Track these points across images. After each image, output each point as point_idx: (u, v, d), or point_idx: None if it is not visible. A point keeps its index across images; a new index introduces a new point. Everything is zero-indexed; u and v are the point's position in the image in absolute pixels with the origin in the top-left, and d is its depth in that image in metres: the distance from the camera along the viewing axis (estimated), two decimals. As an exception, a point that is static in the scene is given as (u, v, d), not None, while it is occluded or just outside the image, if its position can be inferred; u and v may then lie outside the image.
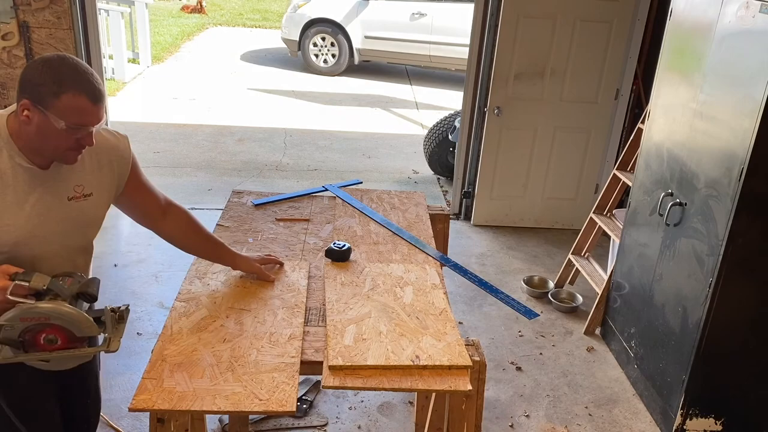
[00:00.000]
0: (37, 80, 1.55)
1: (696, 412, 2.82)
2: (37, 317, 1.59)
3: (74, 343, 1.65)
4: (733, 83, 2.56)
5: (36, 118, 1.57)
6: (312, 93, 8.52)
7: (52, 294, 1.62)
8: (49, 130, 1.58)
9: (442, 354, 1.85)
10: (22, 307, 1.58)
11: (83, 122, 1.59)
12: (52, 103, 1.55)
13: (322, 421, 2.89)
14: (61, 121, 1.56)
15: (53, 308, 1.59)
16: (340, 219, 2.73)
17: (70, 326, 1.62)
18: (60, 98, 1.55)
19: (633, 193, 3.41)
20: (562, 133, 4.71)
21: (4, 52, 4.34)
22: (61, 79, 1.54)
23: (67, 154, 1.65)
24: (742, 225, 2.50)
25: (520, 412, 3.06)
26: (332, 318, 1.99)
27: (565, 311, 3.92)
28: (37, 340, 1.62)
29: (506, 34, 4.39)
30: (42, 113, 1.56)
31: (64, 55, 1.60)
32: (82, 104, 1.57)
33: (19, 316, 1.58)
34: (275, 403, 1.63)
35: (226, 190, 3.00)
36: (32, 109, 1.56)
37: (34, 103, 1.55)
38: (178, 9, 13.63)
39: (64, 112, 1.56)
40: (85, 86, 1.57)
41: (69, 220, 1.75)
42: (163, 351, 1.78)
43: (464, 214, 5.03)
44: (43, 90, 1.54)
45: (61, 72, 1.55)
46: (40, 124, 1.57)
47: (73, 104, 1.56)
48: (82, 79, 1.57)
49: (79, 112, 1.58)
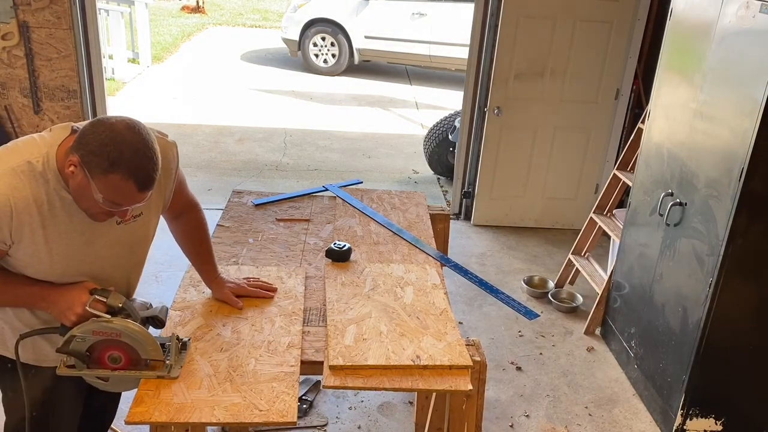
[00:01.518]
0: (94, 147, 1.49)
1: (696, 412, 2.82)
2: (109, 332, 1.63)
3: (135, 365, 1.68)
4: (733, 83, 2.56)
5: (79, 177, 1.52)
6: (312, 93, 8.51)
7: (124, 313, 1.66)
8: (86, 194, 1.54)
9: (443, 354, 1.85)
10: (97, 321, 1.62)
11: (121, 203, 1.56)
12: (98, 176, 1.50)
13: (322, 421, 2.89)
14: (100, 195, 1.52)
15: (126, 326, 1.63)
16: (340, 219, 2.73)
17: (138, 346, 1.65)
18: (108, 176, 1.49)
19: (633, 193, 3.41)
20: (562, 133, 4.71)
21: (4, 52, 4.33)
22: (117, 160, 1.48)
23: (97, 216, 1.62)
24: (742, 225, 2.50)
25: (520, 412, 3.06)
26: (333, 318, 1.99)
27: (565, 311, 3.92)
28: (102, 356, 1.66)
29: (506, 34, 4.39)
30: (86, 178, 1.51)
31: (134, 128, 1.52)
32: (127, 189, 1.52)
33: (92, 329, 1.62)
34: (275, 414, 1.61)
35: (226, 190, 3.00)
36: (79, 168, 1.51)
37: (82, 165, 1.50)
38: (178, 9, 13.62)
39: (105, 189, 1.51)
40: (138, 173, 1.51)
41: (119, 244, 1.76)
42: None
43: (464, 214, 5.03)
44: (95, 161, 1.48)
45: (120, 151, 1.48)
46: (80, 185, 1.53)
47: (118, 186, 1.51)
48: (138, 165, 1.50)
49: (121, 195, 1.53)
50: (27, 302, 1.68)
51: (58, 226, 1.62)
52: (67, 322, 1.64)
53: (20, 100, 4.48)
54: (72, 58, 4.39)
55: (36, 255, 1.62)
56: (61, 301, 1.64)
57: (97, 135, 1.49)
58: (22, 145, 1.59)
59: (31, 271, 1.65)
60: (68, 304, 1.63)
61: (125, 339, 1.64)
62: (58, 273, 1.67)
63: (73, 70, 4.42)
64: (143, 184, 1.53)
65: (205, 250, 2.07)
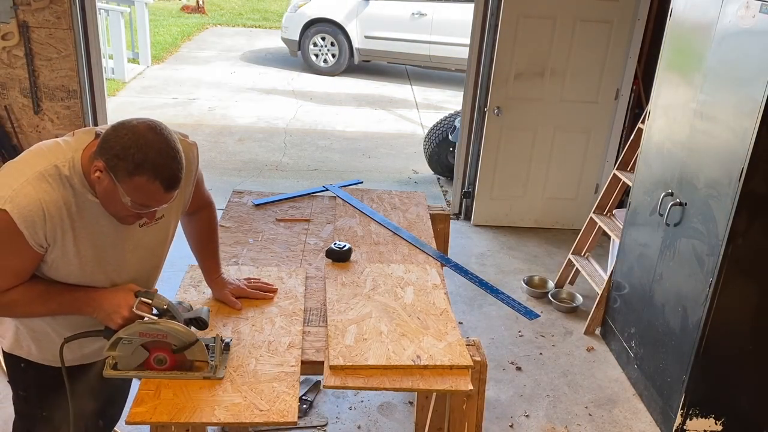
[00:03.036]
0: (118, 151, 1.49)
1: (696, 412, 2.82)
2: (156, 334, 1.64)
3: (181, 367, 1.69)
4: (733, 83, 2.56)
5: (106, 182, 1.53)
6: (312, 93, 8.51)
7: (169, 315, 1.67)
8: (114, 197, 1.55)
9: (443, 354, 1.85)
10: (144, 323, 1.63)
11: (149, 204, 1.57)
12: (124, 179, 1.50)
13: (322, 421, 2.89)
14: (128, 198, 1.53)
15: (173, 327, 1.64)
16: (340, 219, 2.73)
17: (180, 346, 1.66)
18: (134, 179, 1.50)
19: (633, 193, 3.41)
20: (562, 133, 4.71)
21: (4, 52, 4.33)
22: (142, 162, 1.49)
23: (126, 219, 1.64)
24: (742, 225, 2.50)
25: (520, 412, 3.06)
26: (333, 318, 1.99)
27: (565, 311, 3.92)
28: (148, 358, 1.66)
29: (506, 34, 4.39)
30: (112, 182, 1.52)
31: (156, 129, 1.53)
32: (154, 190, 1.52)
33: (139, 331, 1.63)
34: (276, 414, 1.61)
35: (226, 190, 3.00)
36: (105, 173, 1.52)
37: (107, 170, 1.51)
38: (178, 9, 13.62)
39: (133, 192, 1.52)
40: (164, 173, 1.51)
41: (141, 246, 1.77)
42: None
43: (464, 214, 5.03)
44: (120, 164, 1.49)
45: (144, 153, 1.49)
46: (107, 189, 1.54)
47: (144, 188, 1.51)
48: (163, 165, 1.51)
49: (148, 196, 1.54)
50: (72, 309, 1.69)
51: (86, 228, 1.63)
52: (113, 324, 1.65)
53: (20, 100, 4.48)
54: (72, 58, 4.39)
55: (65, 257, 1.62)
56: (107, 305, 1.66)
57: (120, 138, 1.50)
58: (48, 150, 1.59)
59: (60, 275, 1.65)
60: (114, 307, 1.65)
61: (171, 340, 1.65)
62: (87, 276, 1.68)
63: (73, 70, 4.42)
64: (169, 184, 1.54)
65: (213, 248, 2.08)
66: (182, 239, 2.04)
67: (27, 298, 1.62)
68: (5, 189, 1.51)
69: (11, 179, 1.52)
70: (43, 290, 1.65)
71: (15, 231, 1.51)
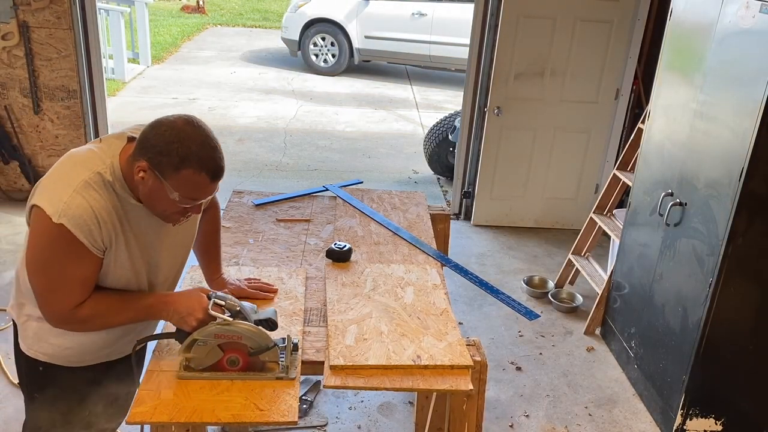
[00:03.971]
0: (161, 147, 1.52)
1: (696, 412, 2.82)
2: (231, 335, 1.65)
3: (253, 368, 1.70)
4: (733, 83, 2.57)
5: (151, 181, 1.55)
6: (312, 93, 8.51)
7: (240, 317, 1.68)
8: (161, 196, 1.57)
9: (444, 354, 1.85)
10: (220, 325, 1.64)
11: (198, 197, 1.60)
12: (170, 175, 1.53)
13: (322, 421, 2.89)
14: (176, 192, 1.55)
15: (248, 328, 1.66)
16: (340, 219, 2.74)
17: (257, 348, 1.67)
18: (180, 172, 1.52)
19: (633, 193, 3.41)
20: (562, 133, 4.71)
21: (4, 52, 4.34)
22: (186, 155, 1.51)
23: (172, 217, 1.66)
24: (742, 225, 2.50)
25: (520, 412, 3.06)
26: (333, 318, 1.99)
27: (565, 311, 3.93)
28: (221, 360, 1.67)
29: (506, 34, 4.39)
30: (158, 180, 1.54)
31: (193, 123, 1.55)
32: (201, 181, 1.55)
33: (214, 332, 1.64)
34: (276, 414, 1.61)
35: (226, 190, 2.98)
36: (149, 172, 1.54)
37: (152, 168, 1.53)
38: (178, 9, 13.62)
39: (181, 185, 1.54)
40: (208, 164, 1.54)
41: (176, 244, 1.80)
42: (159, 362, 1.75)
43: (464, 214, 5.03)
44: (164, 160, 1.52)
45: (187, 145, 1.52)
46: (153, 188, 1.56)
47: (192, 179, 1.54)
48: (206, 156, 1.54)
49: (196, 188, 1.56)
50: (146, 315, 1.71)
51: (133, 231, 1.65)
52: (188, 327, 1.67)
53: (20, 100, 4.48)
54: (72, 58, 4.39)
55: (118, 262, 1.65)
56: (181, 308, 1.68)
57: (161, 135, 1.52)
58: (85, 158, 1.61)
59: (108, 280, 1.67)
60: (189, 310, 1.67)
61: (246, 341, 1.66)
62: (134, 279, 1.70)
63: (73, 70, 4.43)
64: (215, 174, 1.56)
65: (216, 248, 2.10)
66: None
67: (101, 311, 1.64)
68: (56, 203, 1.52)
69: (59, 193, 1.54)
70: (115, 301, 1.67)
71: (75, 242, 1.53)
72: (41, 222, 1.53)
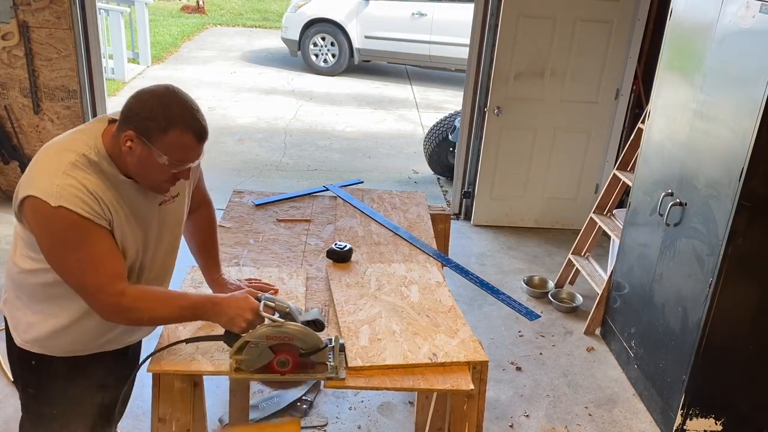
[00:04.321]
0: (146, 114, 1.55)
1: (696, 412, 2.83)
2: (282, 336, 1.64)
3: (303, 368, 1.70)
4: (733, 83, 2.57)
5: (139, 149, 1.57)
6: (312, 93, 8.51)
7: (289, 317, 1.68)
8: (150, 163, 1.59)
9: (458, 351, 1.86)
10: (270, 326, 1.64)
11: (186, 158, 1.61)
12: (158, 138, 1.55)
13: (322, 421, 2.89)
14: (165, 156, 1.57)
15: (300, 330, 1.65)
16: (341, 219, 2.74)
17: (308, 349, 1.67)
18: (167, 134, 1.55)
19: (633, 193, 3.41)
20: (562, 133, 4.71)
21: (4, 52, 4.34)
22: (170, 115, 1.55)
23: (162, 185, 1.67)
24: (742, 225, 2.50)
25: (520, 412, 3.06)
26: (344, 320, 1.98)
27: (565, 311, 3.93)
28: (272, 361, 1.67)
29: (506, 34, 4.39)
30: (146, 146, 1.56)
31: (173, 89, 1.60)
32: (188, 141, 1.58)
33: (266, 333, 1.64)
34: None
35: (227, 190, 2.99)
36: (136, 140, 1.56)
37: (139, 135, 1.55)
38: (178, 9, 13.62)
39: (169, 148, 1.57)
40: (193, 124, 1.58)
41: (164, 225, 1.79)
42: (159, 362, 1.75)
43: (464, 214, 5.04)
44: (151, 125, 1.54)
45: (171, 108, 1.56)
46: (142, 156, 1.58)
47: (179, 141, 1.57)
48: (190, 116, 1.58)
49: (184, 149, 1.59)
50: (192, 314, 1.71)
51: (129, 207, 1.66)
52: (237, 328, 1.68)
53: (20, 100, 4.48)
54: (72, 58, 4.39)
55: (123, 237, 1.65)
56: (230, 310, 1.68)
57: (145, 102, 1.56)
58: (68, 143, 1.62)
59: None
60: (238, 311, 1.68)
61: (297, 342, 1.65)
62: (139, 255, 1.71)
63: (73, 70, 4.43)
64: (200, 134, 1.59)
65: (213, 247, 2.09)
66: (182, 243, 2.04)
67: (147, 302, 1.65)
68: (50, 188, 1.52)
69: (49, 178, 1.54)
70: (161, 295, 1.69)
71: (80, 220, 1.54)
72: (41, 211, 1.53)
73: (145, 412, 2.76)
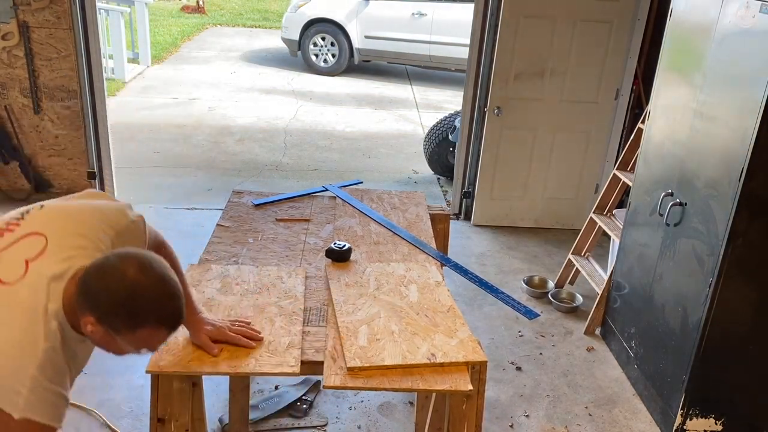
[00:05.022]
0: (108, 307, 1.34)
1: (696, 412, 2.82)
2: None
3: None
4: (733, 83, 2.56)
5: (100, 334, 1.39)
6: (312, 93, 8.51)
7: None
8: (113, 346, 1.44)
9: (457, 351, 1.86)
10: None
11: (154, 348, 1.49)
12: (125, 333, 1.38)
13: (322, 421, 2.89)
14: (131, 347, 1.43)
15: None
16: (340, 219, 2.74)
17: None
18: (135, 332, 1.37)
19: (633, 193, 3.41)
20: (562, 133, 4.71)
21: (4, 52, 4.34)
22: (140, 312, 1.35)
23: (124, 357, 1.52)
24: (742, 225, 2.50)
25: (520, 412, 3.06)
26: (343, 319, 1.98)
27: (565, 311, 3.92)
28: None
29: (506, 34, 4.39)
30: (110, 335, 1.38)
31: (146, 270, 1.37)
32: (159, 335, 1.42)
33: None
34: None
35: (226, 190, 3.00)
36: (98, 326, 1.37)
37: (101, 324, 1.36)
38: (178, 9, 13.63)
39: (136, 341, 1.41)
40: (167, 319, 1.40)
41: None
42: (159, 362, 1.74)
43: (464, 214, 5.03)
44: (115, 320, 1.35)
45: (140, 302, 1.35)
46: (104, 339, 1.41)
47: (149, 336, 1.40)
48: (164, 309, 1.39)
49: (153, 341, 1.44)
50: None
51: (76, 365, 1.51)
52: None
53: (20, 100, 4.48)
54: (72, 58, 4.40)
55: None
56: None
57: (109, 291, 1.35)
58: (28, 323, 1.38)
59: None
60: None
61: None
62: None
63: (73, 70, 4.43)
64: (174, 324, 1.43)
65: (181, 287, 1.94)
66: (180, 239, 2.04)
67: None
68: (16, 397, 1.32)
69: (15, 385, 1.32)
70: None
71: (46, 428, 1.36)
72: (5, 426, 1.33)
73: (144, 412, 2.76)
